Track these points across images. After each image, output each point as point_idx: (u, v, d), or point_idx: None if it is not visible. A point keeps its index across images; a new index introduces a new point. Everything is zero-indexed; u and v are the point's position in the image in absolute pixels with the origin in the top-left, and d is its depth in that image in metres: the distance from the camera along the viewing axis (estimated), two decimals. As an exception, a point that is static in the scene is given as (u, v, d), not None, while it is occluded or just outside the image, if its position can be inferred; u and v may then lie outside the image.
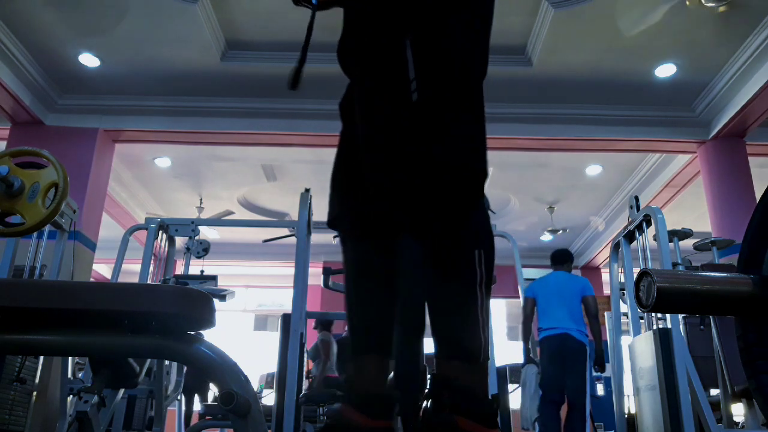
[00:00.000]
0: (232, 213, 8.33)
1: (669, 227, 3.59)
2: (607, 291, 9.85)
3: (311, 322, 6.06)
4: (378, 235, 1.20)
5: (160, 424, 3.69)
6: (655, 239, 3.42)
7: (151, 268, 4.18)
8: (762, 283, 0.98)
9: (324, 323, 6.25)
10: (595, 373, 4.72)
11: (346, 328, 7.55)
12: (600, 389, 6.14)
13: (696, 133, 6.03)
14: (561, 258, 4.75)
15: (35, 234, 3.34)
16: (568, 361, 4.37)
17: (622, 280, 4.04)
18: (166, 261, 4.38)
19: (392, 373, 2.47)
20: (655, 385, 3.15)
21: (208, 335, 2.79)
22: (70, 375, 3.31)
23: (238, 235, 9.16)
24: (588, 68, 5.50)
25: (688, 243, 4.28)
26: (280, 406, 3.09)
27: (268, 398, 6.50)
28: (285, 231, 4.85)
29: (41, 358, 3.08)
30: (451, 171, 1.12)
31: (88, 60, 5.48)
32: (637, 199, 3.77)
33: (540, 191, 7.98)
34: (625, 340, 3.83)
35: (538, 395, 4.38)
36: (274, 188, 8.00)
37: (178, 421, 5.03)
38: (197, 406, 6.21)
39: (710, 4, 4.48)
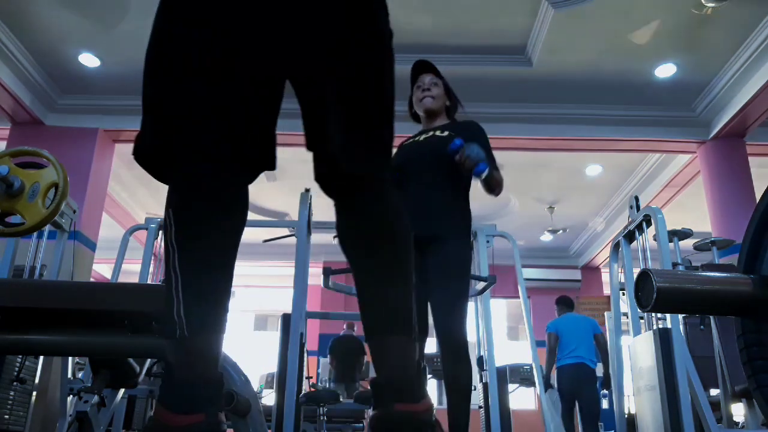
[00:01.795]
0: (232, 213, 8.32)
1: (669, 227, 3.58)
2: (607, 291, 9.85)
3: (310, 323, 6.05)
4: None
5: (160, 424, 3.68)
6: (655, 239, 3.42)
7: (151, 268, 4.18)
8: (762, 283, 0.98)
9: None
10: (602, 391, 6.14)
11: (344, 326, 7.54)
12: (605, 403, 7.31)
13: (696, 133, 6.03)
14: (569, 302, 6.03)
15: (35, 234, 3.34)
16: (584, 383, 5.50)
17: (622, 280, 4.04)
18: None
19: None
20: (655, 385, 3.15)
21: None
22: (70, 375, 3.31)
23: (238, 235, 9.14)
24: (588, 68, 5.50)
25: (688, 243, 4.28)
26: (280, 406, 3.08)
27: (268, 398, 6.49)
28: (285, 231, 4.84)
29: (41, 358, 3.08)
30: None
31: (88, 60, 5.48)
32: (637, 199, 3.76)
33: (540, 191, 7.98)
34: (625, 340, 3.83)
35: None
36: (274, 188, 7.99)
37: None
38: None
39: (710, 4, 4.48)
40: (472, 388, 2.33)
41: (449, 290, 2.31)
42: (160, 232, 4.27)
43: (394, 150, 2.53)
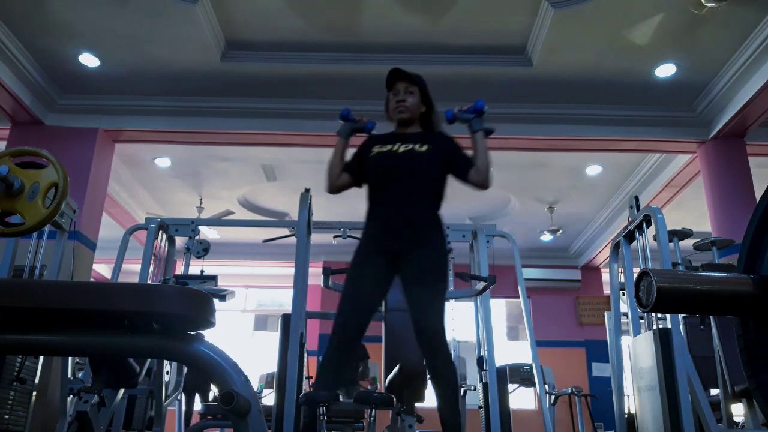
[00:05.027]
0: (232, 213, 8.33)
1: (669, 227, 3.58)
2: (607, 291, 9.85)
3: (310, 323, 6.05)
4: None
5: (160, 424, 3.69)
6: (655, 239, 3.42)
7: (151, 268, 4.18)
8: (762, 283, 0.98)
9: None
10: None
11: None
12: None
13: (696, 133, 6.03)
14: None
15: (35, 234, 3.34)
16: None
17: (622, 280, 4.04)
18: (166, 261, 4.38)
19: (396, 369, 2.49)
20: (655, 385, 3.15)
21: (208, 335, 2.79)
22: (70, 375, 3.31)
23: (238, 235, 9.15)
24: (588, 68, 5.50)
25: (688, 243, 4.28)
26: (280, 406, 3.08)
27: (268, 398, 6.49)
28: (285, 231, 4.85)
29: (41, 358, 3.08)
30: None
31: (88, 60, 5.48)
32: (637, 199, 3.76)
33: (540, 191, 7.98)
34: (625, 340, 3.83)
35: None
36: (274, 188, 7.99)
37: (178, 421, 5.03)
38: (197, 405, 6.20)
39: (710, 4, 4.48)
40: (460, 383, 2.39)
41: (427, 289, 2.41)
42: (160, 232, 4.27)
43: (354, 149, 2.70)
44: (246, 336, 11.01)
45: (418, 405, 3.11)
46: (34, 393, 3.06)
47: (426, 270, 2.43)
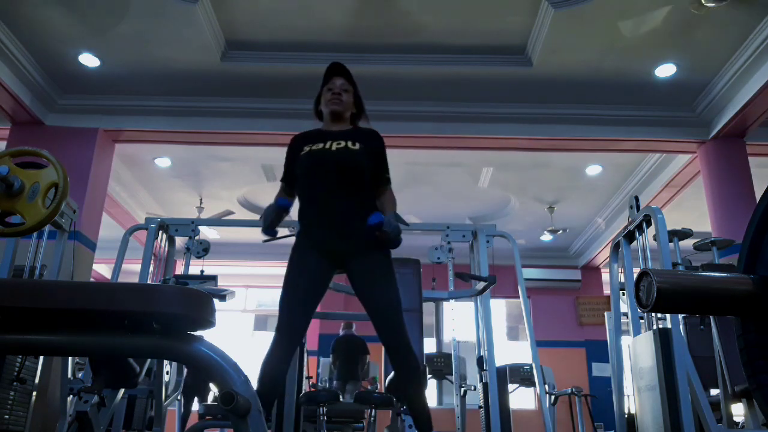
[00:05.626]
0: (232, 213, 8.33)
1: (669, 227, 3.58)
2: (607, 291, 9.85)
3: (311, 322, 6.02)
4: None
5: (160, 424, 3.69)
6: (655, 239, 3.42)
7: (151, 268, 4.18)
8: (762, 283, 0.98)
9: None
10: None
11: (342, 326, 7.53)
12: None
13: (696, 133, 6.03)
14: None
15: (35, 234, 3.34)
16: None
17: (622, 280, 4.04)
18: (166, 261, 4.38)
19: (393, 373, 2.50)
20: (655, 385, 3.15)
21: (208, 335, 2.80)
22: (70, 375, 3.31)
23: (238, 235, 9.15)
24: (588, 68, 5.50)
25: (688, 243, 4.28)
26: (280, 406, 3.09)
27: (268, 398, 6.49)
28: (285, 231, 4.84)
29: (41, 358, 3.08)
30: None
31: (88, 60, 5.48)
32: (637, 199, 3.76)
33: (540, 191, 7.98)
34: (625, 340, 3.83)
35: None
36: (274, 188, 7.97)
37: (178, 421, 5.02)
38: (196, 405, 6.19)
39: (710, 4, 4.48)
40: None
41: (385, 293, 2.39)
42: (160, 232, 4.27)
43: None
44: (246, 336, 11.01)
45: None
46: (34, 393, 3.06)
47: (384, 273, 2.41)
